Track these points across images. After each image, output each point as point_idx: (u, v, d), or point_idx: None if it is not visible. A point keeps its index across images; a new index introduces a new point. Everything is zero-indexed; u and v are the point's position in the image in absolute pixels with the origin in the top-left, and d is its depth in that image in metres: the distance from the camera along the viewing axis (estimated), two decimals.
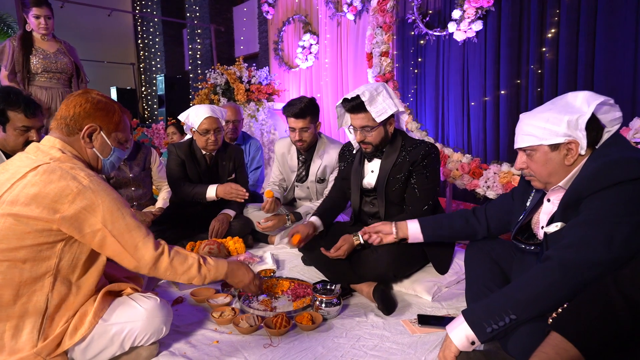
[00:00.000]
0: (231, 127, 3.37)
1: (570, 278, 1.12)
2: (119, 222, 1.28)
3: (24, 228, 1.20)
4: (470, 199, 3.58)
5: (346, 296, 1.93)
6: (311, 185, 2.79)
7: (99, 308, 1.34)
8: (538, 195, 1.44)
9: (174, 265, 1.39)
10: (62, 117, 1.37)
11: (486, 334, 1.16)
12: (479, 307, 1.21)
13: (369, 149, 2.00)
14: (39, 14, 3.09)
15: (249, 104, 4.85)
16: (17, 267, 1.22)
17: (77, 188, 1.22)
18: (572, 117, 1.22)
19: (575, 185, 1.23)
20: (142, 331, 1.38)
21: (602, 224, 1.13)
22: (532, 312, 1.15)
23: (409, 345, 1.52)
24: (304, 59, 5.80)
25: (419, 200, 1.96)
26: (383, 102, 1.88)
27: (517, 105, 3.29)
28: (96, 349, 1.34)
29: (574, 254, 1.14)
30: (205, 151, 2.73)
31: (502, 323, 1.15)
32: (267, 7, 6.31)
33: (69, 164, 1.28)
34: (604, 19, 2.70)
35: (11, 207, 1.20)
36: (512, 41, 3.22)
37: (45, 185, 1.21)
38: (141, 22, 11.36)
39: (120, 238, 1.29)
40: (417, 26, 3.91)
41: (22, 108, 2.02)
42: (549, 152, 1.27)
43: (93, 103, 1.39)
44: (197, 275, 1.44)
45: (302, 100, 2.52)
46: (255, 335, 1.62)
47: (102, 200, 1.26)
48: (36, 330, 1.25)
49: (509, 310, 1.15)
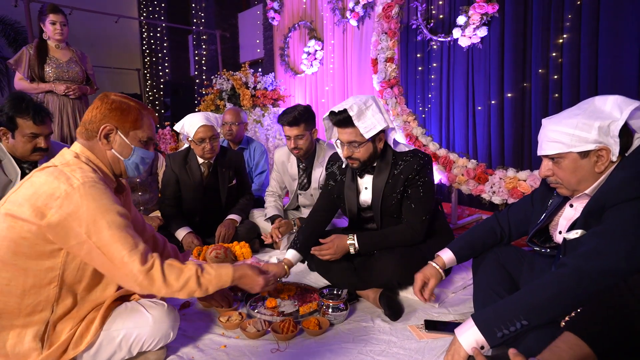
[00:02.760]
0: (228, 130, 3.39)
1: (585, 286, 1.10)
2: (103, 232, 1.19)
3: (19, 232, 1.19)
4: (476, 204, 3.57)
5: (352, 301, 1.93)
6: (314, 192, 2.78)
7: (105, 315, 1.35)
8: (559, 199, 1.40)
9: (169, 282, 1.25)
10: (82, 123, 1.39)
11: (497, 339, 1.15)
12: (489, 312, 1.19)
13: (355, 164, 1.89)
14: (55, 20, 3.16)
15: (255, 109, 4.88)
16: (20, 275, 1.22)
17: (65, 191, 1.19)
18: (603, 123, 1.17)
19: (601, 194, 1.20)
20: (149, 337, 1.39)
21: (624, 235, 1.10)
22: (544, 318, 1.14)
23: (416, 350, 1.52)
24: (309, 64, 5.83)
25: (416, 212, 1.89)
26: (372, 117, 1.77)
27: (522, 110, 3.29)
28: (105, 355, 1.35)
29: (591, 263, 1.12)
30: (203, 159, 2.72)
31: (513, 328, 1.13)
32: (272, 13, 6.36)
33: (74, 167, 1.27)
34: (607, 23, 2.70)
35: (11, 206, 1.21)
36: (517, 47, 3.23)
37: (40, 186, 1.21)
38: (147, 29, 11.45)
39: (105, 250, 1.19)
40: (421, 32, 3.92)
41: (31, 115, 2.04)
42: (579, 160, 1.23)
43: (108, 104, 1.39)
44: (197, 288, 1.30)
45: (296, 108, 2.52)
46: (263, 340, 1.62)
47: (87, 207, 1.19)
48: (39, 338, 1.25)
49: (520, 316, 1.13)
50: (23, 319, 1.24)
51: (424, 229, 1.91)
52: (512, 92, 3.30)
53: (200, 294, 1.32)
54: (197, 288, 1.30)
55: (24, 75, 3.14)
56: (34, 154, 2.12)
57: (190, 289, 1.29)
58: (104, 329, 1.34)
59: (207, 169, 2.76)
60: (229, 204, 2.84)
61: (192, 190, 2.73)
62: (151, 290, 1.24)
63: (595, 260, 1.11)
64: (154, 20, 10.74)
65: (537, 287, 1.17)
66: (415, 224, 1.89)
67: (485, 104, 3.52)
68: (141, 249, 1.24)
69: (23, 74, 3.14)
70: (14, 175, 2.12)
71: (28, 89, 3.15)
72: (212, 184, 2.78)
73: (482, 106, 3.55)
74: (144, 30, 11.62)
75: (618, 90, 2.71)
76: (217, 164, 2.78)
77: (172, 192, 2.73)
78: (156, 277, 1.23)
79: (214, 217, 2.77)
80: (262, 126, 4.89)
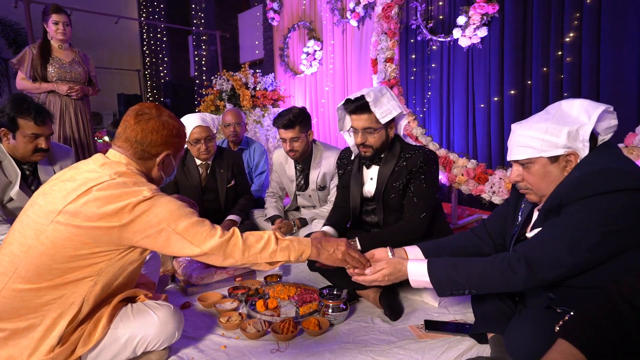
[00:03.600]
0: (232, 130, 3.39)
1: (532, 274, 1.18)
2: (182, 220, 1.26)
3: (83, 239, 1.22)
4: (476, 204, 3.57)
5: (352, 302, 1.93)
6: (313, 193, 2.79)
7: (112, 314, 1.36)
8: (529, 207, 1.41)
9: (249, 242, 1.30)
10: (136, 142, 1.36)
11: (445, 295, 1.33)
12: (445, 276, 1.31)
13: (368, 152, 1.95)
14: (57, 20, 3.16)
15: (255, 109, 4.88)
16: (66, 273, 1.24)
17: (137, 200, 1.23)
18: (572, 127, 1.20)
19: (557, 192, 1.22)
20: (155, 337, 1.40)
21: (572, 229, 1.14)
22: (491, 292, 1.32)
23: (416, 350, 1.52)
24: (308, 65, 5.84)
25: (417, 207, 1.91)
26: (387, 104, 1.86)
27: (522, 110, 3.30)
28: (109, 355, 1.36)
29: (538, 252, 1.18)
30: (200, 160, 2.72)
31: (462, 292, 1.30)
32: (272, 13, 6.36)
33: (133, 179, 1.30)
34: (608, 24, 2.70)
35: (73, 218, 1.21)
36: (517, 47, 3.23)
37: (108, 201, 1.22)
38: (147, 29, 11.47)
39: (185, 234, 1.25)
40: (420, 32, 3.93)
41: (33, 116, 2.05)
42: (548, 165, 1.24)
43: (169, 129, 1.40)
44: (277, 247, 1.32)
45: (291, 110, 2.52)
46: (263, 340, 1.63)
47: (163, 207, 1.25)
48: (59, 334, 1.26)
49: (472, 288, 1.28)
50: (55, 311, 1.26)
51: (423, 224, 1.92)
52: (512, 92, 3.30)
53: (282, 256, 1.33)
54: (277, 247, 1.32)
55: (26, 75, 3.14)
56: (34, 154, 2.12)
57: (271, 249, 1.31)
58: (110, 328, 1.35)
59: (205, 170, 2.76)
60: (228, 205, 2.84)
61: (191, 191, 2.72)
62: (234, 255, 1.29)
63: (543, 250, 1.17)
64: (154, 21, 10.75)
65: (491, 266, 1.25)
66: (415, 219, 1.91)
67: (485, 103, 3.52)
68: (218, 227, 1.31)
69: (25, 74, 3.14)
70: (14, 176, 2.13)
71: (30, 89, 3.16)
72: (210, 185, 2.77)
73: (481, 106, 3.55)
74: (144, 31, 11.64)
75: (619, 89, 2.71)
76: (215, 164, 2.78)
77: (171, 194, 2.72)
78: (237, 242, 1.29)
79: (214, 218, 2.73)
80: (262, 127, 4.90)
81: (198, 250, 1.26)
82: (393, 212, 2.01)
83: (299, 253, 1.35)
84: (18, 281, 1.22)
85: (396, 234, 1.91)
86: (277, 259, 1.33)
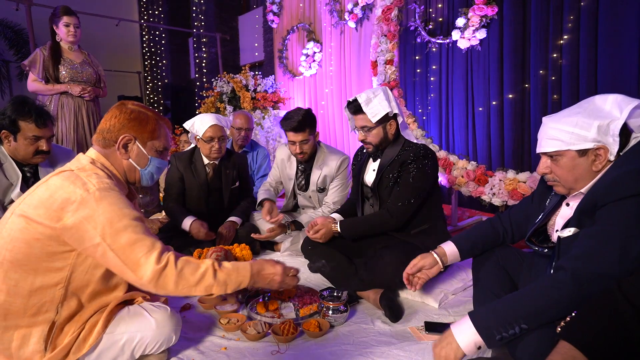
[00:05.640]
0: (243, 135, 3.41)
1: (584, 290, 1.10)
2: (120, 235, 1.20)
3: (32, 233, 1.21)
4: (476, 206, 3.58)
5: (353, 303, 1.93)
6: (312, 194, 2.80)
7: (108, 319, 1.35)
8: (557, 198, 1.40)
9: (184, 275, 1.24)
10: (100, 130, 1.39)
11: (495, 342, 1.14)
12: (488, 313, 1.18)
13: (370, 148, 2.09)
14: (69, 22, 3.18)
15: (255, 111, 4.90)
16: (29, 275, 1.23)
17: (81, 196, 1.21)
18: (603, 122, 1.17)
19: (593, 192, 1.19)
20: (152, 340, 1.39)
21: (617, 237, 1.10)
22: (543, 321, 1.14)
23: (416, 352, 1.52)
24: (308, 66, 5.85)
25: (397, 196, 1.98)
26: (378, 104, 1.97)
27: (522, 112, 3.30)
28: (107, 359, 1.35)
29: (586, 266, 1.12)
30: (209, 159, 2.74)
31: (512, 332, 1.13)
32: (272, 16, 6.37)
33: (90, 172, 1.29)
34: (607, 25, 2.71)
35: (26, 208, 1.22)
36: (516, 49, 3.24)
37: (56, 190, 1.22)
38: (147, 32, 11.49)
39: (120, 253, 1.20)
40: (419, 34, 3.94)
41: (34, 118, 2.06)
42: (577, 158, 1.23)
43: (127, 113, 1.40)
44: (214, 282, 1.28)
45: (299, 112, 2.50)
46: (263, 342, 1.63)
47: (103, 211, 1.20)
48: (43, 340, 1.25)
49: (520, 320, 1.13)
50: (28, 319, 1.24)
51: (401, 215, 1.97)
52: (512, 94, 3.31)
53: (218, 290, 1.29)
54: (214, 282, 1.27)
55: (38, 77, 3.15)
56: (35, 156, 2.13)
57: (207, 283, 1.27)
58: (107, 332, 1.34)
59: (212, 170, 2.78)
60: (231, 206, 2.85)
61: (197, 190, 2.74)
62: (167, 288, 1.23)
63: (591, 263, 1.11)
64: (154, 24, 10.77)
65: (536, 291, 1.16)
66: (393, 208, 1.98)
67: (484, 105, 3.53)
68: (158, 248, 1.24)
69: (37, 75, 3.14)
70: (15, 179, 2.13)
71: (43, 91, 3.16)
72: (215, 185, 2.80)
73: (481, 108, 3.56)
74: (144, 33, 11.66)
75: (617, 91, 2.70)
76: (222, 165, 2.80)
77: (177, 190, 2.74)
78: (171, 273, 1.22)
79: (216, 219, 2.77)
80: (263, 129, 4.91)
81: (133, 277, 1.22)
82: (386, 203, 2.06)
83: (236, 285, 1.34)
84: None
85: (371, 220, 2.05)
86: (213, 292, 1.30)
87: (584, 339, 0.95)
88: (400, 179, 2.00)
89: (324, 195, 2.80)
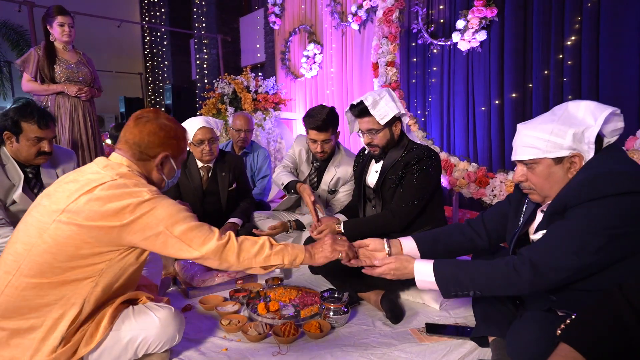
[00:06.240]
0: (243, 136, 3.40)
1: (538, 277, 1.17)
2: (180, 224, 1.30)
3: (84, 237, 1.24)
4: (477, 207, 3.57)
5: (354, 304, 1.93)
6: (322, 193, 2.74)
7: (114, 315, 1.36)
8: (532, 207, 1.41)
9: (244, 247, 1.36)
10: (134, 143, 1.39)
11: (450, 296, 1.31)
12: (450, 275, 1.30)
13: (376, 151, 2.07)
14: (63, 22, 3.17)
15: (256, 113, 4.90)
16: (67, 272, 1.26)
17: (137, 201, 1.26)
18: (577, 129, 1.19)
19: (562, 195, 1.22)
20: (156, 339, 1.40)
21: (578, 233, 1.14)
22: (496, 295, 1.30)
23: (417, 353, 1.53)
24: (309, 68, 5.86)
25: (401, 197, 1.97)
26: (385, 106, 1.95)
27: (523, 114, 3.30)
28: (110, 357, 1.36)
29: (544, 256, 1.17)
30: (202, 162, 2.71)
31: (467, 293, 1.28)
32: (274, 17, 6.39)
33: (134, 180, 1.33)
34: (609, 26, 2.71)
35: (75, 217, 1.24)
36: (517, 50, 3.24)
37: (109, 200, 1.25)
38: (149, 33, 11.51)
39: (183, 238, 1.30)
40: (422, 36, 3.94)
41: (36, 119, 2.06)
42: (553, 166, 1.24)
43: (165, 131, 1.43)
44: (271, 252, 1.38)
45: (323, 111, 2.41)
46: (264, 343, 1.63)
47: (162, 209, 1.29)
48: (61, 335, 1.27)
49: (476, 288, 1.26)
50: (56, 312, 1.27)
51: (404, 216, 1.96)
52: (513, 95, 3.31)
53: (276, 259, 1.39)
54: (271, 252, 1.38)
55: (32, 76, 3.14)
56: (37, 157, 2.14)
57: (265, 254, 1.38)
58: (112, 330, 1.35)
59: (207, 173, 2.75)
60: (229, 208, 2.84)
61: (192, 194, 2.72)
62: (229, 260, 1.34)
63: (548, 253, 1.17)
64: (155, 25, 10.80)
65: (497, 270, 1.24)
66: (396, 209, 1.97)
67: (485, 107, 3.53)
68: (217, 230, 1.37)
69: (30, 75, 3.13)
70: (17, 179, 2.14)
71: (38, 91, 3.15)
72: (212, 188, 2.77)
73: (482, 110, 3.56)
74: (146, 34, 11.68)
75: (619, 93, 2.72)
76: (217, 168, 2.77)
77: (172, 196, 2.72)
78: (232, 247, 1.35)
79: (215, 222, 2.75)
80: (264, 130, 4.91)
81: (196, 253, 1.31)
82: (390, 204, 2.06)
83: (292, 257, 1.42)
84: (21, 279, 1.24)
85: (374, 221, 2.03)
86: (271, 262, 1.39)
87: (585, 341, 0.95)
88: (403, 180, 2.00)
89: (332, 197, 2.78)
